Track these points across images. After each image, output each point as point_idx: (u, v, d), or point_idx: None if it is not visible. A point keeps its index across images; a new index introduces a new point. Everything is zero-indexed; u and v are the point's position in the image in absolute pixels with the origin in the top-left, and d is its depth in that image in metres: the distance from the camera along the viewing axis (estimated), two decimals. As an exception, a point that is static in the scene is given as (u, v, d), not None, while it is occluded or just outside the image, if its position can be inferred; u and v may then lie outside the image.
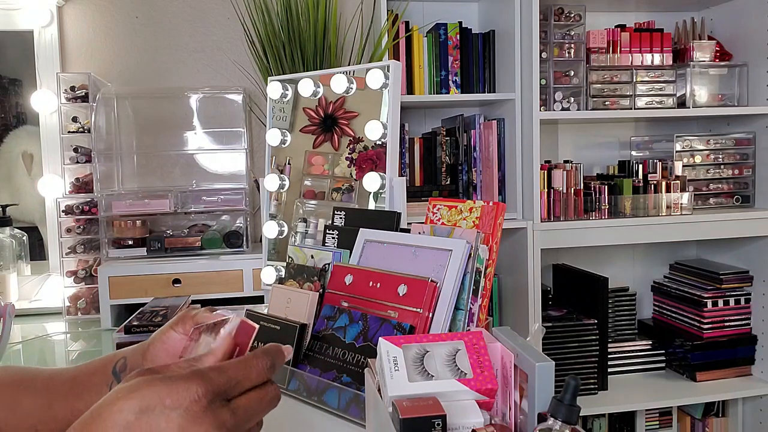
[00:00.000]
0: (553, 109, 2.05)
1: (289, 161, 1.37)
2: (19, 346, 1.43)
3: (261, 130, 2.00)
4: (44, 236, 1.92)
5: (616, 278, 2.32)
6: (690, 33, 2.26)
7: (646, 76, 2.12)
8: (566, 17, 2.06)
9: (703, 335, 2.15)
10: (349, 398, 0.85)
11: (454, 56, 2.10)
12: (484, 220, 0.93)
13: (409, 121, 2.21)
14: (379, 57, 1.82)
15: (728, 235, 2.08)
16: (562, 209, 2.01)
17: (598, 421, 2.21)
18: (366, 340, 0.88)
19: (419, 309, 0.86)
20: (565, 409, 0.53)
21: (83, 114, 1.82)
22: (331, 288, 0.99)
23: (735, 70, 2.17)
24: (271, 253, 1.39)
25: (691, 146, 2.19)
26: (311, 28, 1.75)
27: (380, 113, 1.19)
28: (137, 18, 2.01)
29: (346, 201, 1.24)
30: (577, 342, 2.06)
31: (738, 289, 2.19)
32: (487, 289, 0.90)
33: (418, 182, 2.14)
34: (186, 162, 1.95)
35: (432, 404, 0.60)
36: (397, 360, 0.65)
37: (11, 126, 1.92)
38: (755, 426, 2.25)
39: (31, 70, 1.88)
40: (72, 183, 1.79)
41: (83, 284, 1.70)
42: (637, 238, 2.06)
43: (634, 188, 2.09)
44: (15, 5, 1.86)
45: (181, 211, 1.77)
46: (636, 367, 2.24)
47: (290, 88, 1.35)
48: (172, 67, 2.03)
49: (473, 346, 0.67)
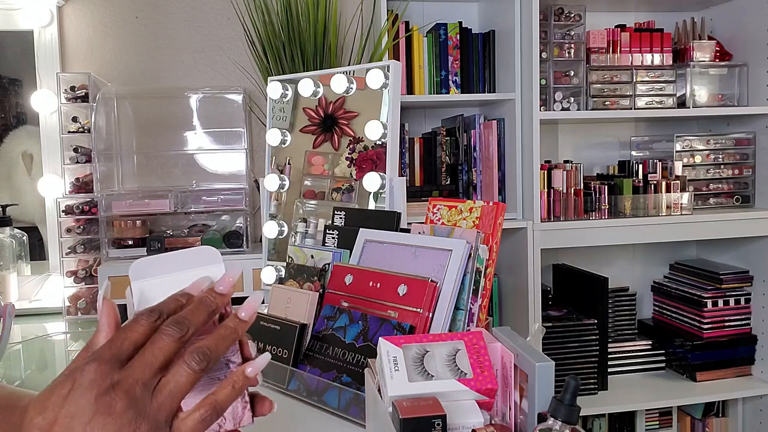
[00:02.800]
0: (553, 109, 2.05)
1: (289, 161, 1.37)
2: (19, 346, 1.43)
3: (261, 130, 2.00)
4: (44, 236, 1.92)
5: (616, 278, 2.32)
6: (690, 33, 2.26)
7: (646, 76, 2.12)
8: (566, 17, 2.06)
9: (703, 335, 2.15)
10: (349, 398, 0.85)
11: (454, 56, 2.10)
12: (484, 220, 0.93)
13: (409, 121, 2.21)
14: (379, 57, 1.82)
15: (728, 235, 2.08)
16: (562, 209, 2.01)
17: (598, 421, 2.21)
18: (366, 340, 0.88)
19: (419, 309, 0.86)
20: (565, 409, 0.53)
21: (83, 114, 1.82)
22: (331, 288, 0.99)
23: (735, 70, 2.17)
24: (271, 253, 1.39)
25: (691, 146, 2.19)
26: (311, 28, 1.75)
27: (380, 113, 1.19)
28: (137, 18, 2.01)
29: (346, 201, 1.24)
30: (577, 342, 2.06)
31: (738, 289, 2.19)
32: (487, 289, 0.90)
33: (418, 182, 2.14)
34: (186, 162, 1.96)
35: (432, 404, 0.60)
36: (397, 360, 0.65)
37: (11, 126, 1.92)
38: (755, 426, 2.25)
39: (31, 70, 1.88)
40: (72, 183, 1.79)
41: (83, 284, 1.70)
42: (637, 238, 2.06)
43: (634, 188, 2.09)
44: (15, 5, 1.86)
45: (181, 211, 1.77)
46: (636, 367, 2.24)
47: (290, 88, 1.35)
48: (172, 67, 2.03)
49: (473, 346, 0.67)
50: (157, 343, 0.44)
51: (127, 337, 0.45)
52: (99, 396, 0.41)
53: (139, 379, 0.43)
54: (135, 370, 0.43)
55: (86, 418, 0.41)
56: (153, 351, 0.44)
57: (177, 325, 0.45)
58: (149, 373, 0.44)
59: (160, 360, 0.44)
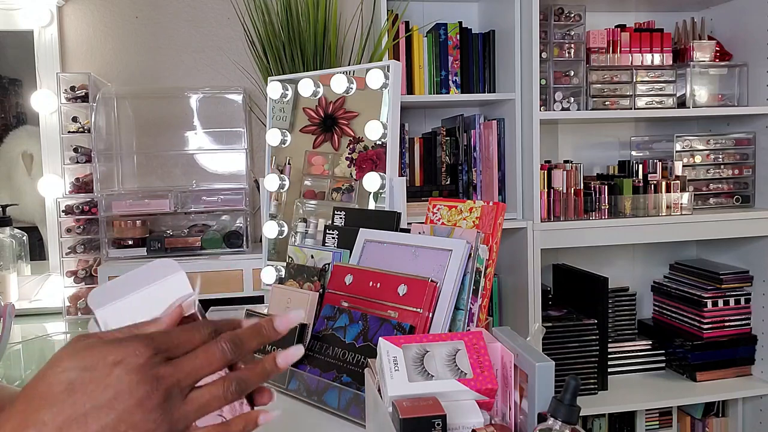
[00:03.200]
0: (553, 109, 2.05)
1: (289, 161, 1.37)
2: (19, 346, 1.43)
3: (261, 130, 2.00)
4: (44, 236, 1.92)
5: (616, 278, 2.32)
6: (690, 33, 2.26)
7: (646, 76, 2.12)
8: (566, 17, 2.06)
9: (703, 335, 2.15)
10: (349, 398, 0.85)
11: (454, 56, 2.10)
12: (484, 220, 0.93)
13: (409, 121, 2.21)
14: (379, 57, 1.82)
15: (728, 235, 2.08)
16: (562, 209, 2.01)
17: (598, 421, 2.21)
18: (366, 340, 0.88)
19: (419, 309, 0.86)
20: (565, 409, 0.53)
21: (83, 114, 1.82)
22: (331, 288, 0.99)
23: (735, 70, 2.17)
24: (271, 253, 1.39)
25: (691, 146, 2.19)
26: (311, 28, 1.75)
27: (380, 113, 1.19)
28: (137, 18, 2.01)
29: (346, 201, 1.24)
30: (577, 342, 2.06)
31: (738, 289, 2.19)
32: (487, 289, 0.90)
33: (418, 182, 2.14)
34: (186, 162, 1.96)
35: (432, 404, 0.60)
36: (397, 360, 0.65)
37: (11, 126, 1.92)
38: (755, 426, 2.25)
39: (31, 70, 1.88)
40: (72, 183, 1.79)
41: (83, 284, 1.70)
42: (637, 238, 2.06)
43: (634, 188, 2.09)
44: (15, 5, 1.86)
45: (181, 211, 1.77)
46: (636, 367, 2.24)
47: (290, 88, 1.35)
48: (172, 67, 2.03)
49: (473, 346, 0.67)
50: (211, 353, 0.45)
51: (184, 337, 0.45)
52: (141, 383, 0.41)
53: (181, 381, 0.43)
54: (181, 372, 0.43)
55: (119, 396, 0.41)
56: (204, 360, 0.44)
57: (234, 345, 0.46)
58: (191, 379, 0.44)
59: (206, 371, 0.45)
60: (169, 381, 0.42)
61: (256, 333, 0.48)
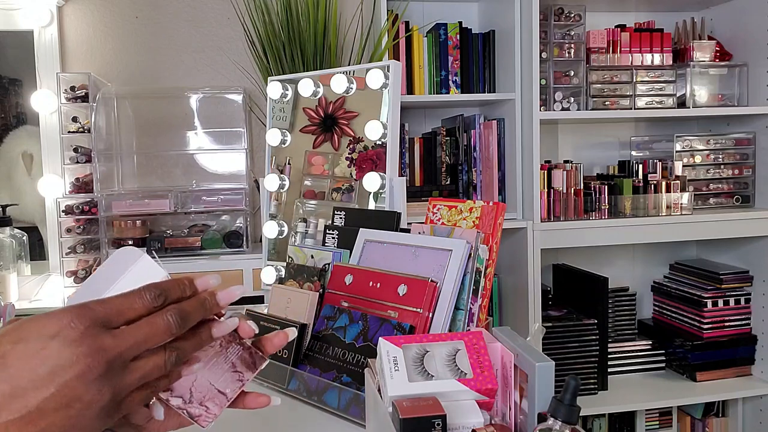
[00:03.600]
0: (553, 109, 2.05)
1: (289, 161, 1.37)
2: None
3: (261, 130, 2.00)
4: (44, 236, 1.92)
5: (616, 278, 2.32)
6: (690, 33, 2.26)
7: (646, 76, 2.12)
8: (566, 17, 2.06)
9: (703, 335, 2.15)
10: (349, 398, 0.85)
11: (454, 56, 2.10)
12: (484, 220, 0.93)
13: (409, 121, 2.21)
14: (379, 57, 1.82)
15: (728, 235, 2.08)
16: (562, 209, 2.01)
17: (598, 421, 2.21)
18: (366, 340, 0.88)
19: (419, 309, 0.86)
20: (565, 409, 0.53)
21: (83, 114, 1.82)
22: (331, 288, 0.99)
23: (735, 70, 2.17)
24: (271, 253, 1.39)
25: (691, 146, 2.19)
26: (311, 28, 1.75)
27: (380, 113, 1.18)
28: (137, 18, 2.01)
29: (346, 201, 1.24)
30: (577, 342, 2.06)
31: (738, 289, 2.19)
32: (487, 289, 0.90)
33: (418, 182, 2.14)
34: (186, 162, 1.96)
35: (432, 404, 0.60)
36: (397, 360, 0.65)
37: (11, 126, 1.92)
38: (755, 426, 2.25)
39: (31, 70, 1.88)
40: (72, 183, 1.79)
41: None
42: (637, 238, 2.06)
43: (634, 188, 2.09)
44: (15, 5, 1.86)
45: (181, 211, 1.77)
46: (636, 367, 2.24)
47: (290, 88, 1.35)
48: (172, 67, 2.03)
49: (473, 346, 0.67)
50: (157, 326, 0.45)
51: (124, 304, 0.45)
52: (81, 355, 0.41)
53: (124, 354, 0.43)
54: (124, 343, 0.43)
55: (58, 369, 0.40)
56: (148, 332, 0.44)
57: (181, 319, 0.46)
58: (135, 351, 0.44)
59: (150, 344, 0.44)
60: (112, 353, 0.42)
61: (200, 306, 0.48)
